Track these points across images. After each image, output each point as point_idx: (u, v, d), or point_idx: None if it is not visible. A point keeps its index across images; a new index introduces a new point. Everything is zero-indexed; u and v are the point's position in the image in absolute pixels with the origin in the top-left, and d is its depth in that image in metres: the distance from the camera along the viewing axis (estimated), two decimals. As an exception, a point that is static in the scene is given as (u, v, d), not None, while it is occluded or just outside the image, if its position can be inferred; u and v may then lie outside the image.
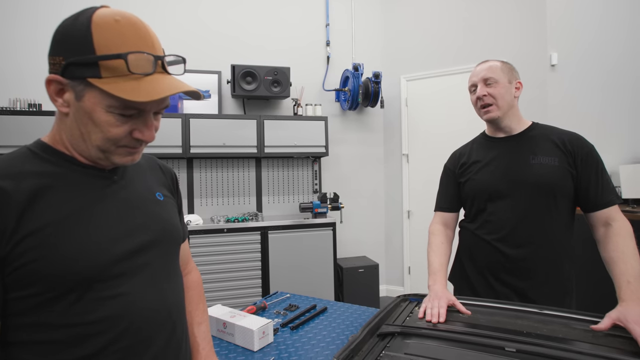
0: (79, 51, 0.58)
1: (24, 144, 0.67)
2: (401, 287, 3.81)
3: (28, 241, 0.56)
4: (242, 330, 1.13)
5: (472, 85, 1.34)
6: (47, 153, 0.64)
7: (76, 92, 0.60)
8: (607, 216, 1.19)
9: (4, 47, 2.99)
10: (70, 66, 0.58)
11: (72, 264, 0.58)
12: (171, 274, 0.76)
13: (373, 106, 3.64)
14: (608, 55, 3.09)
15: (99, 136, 0.62)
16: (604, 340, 0.86)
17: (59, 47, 0.59)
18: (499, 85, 1.28)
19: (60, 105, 0.61)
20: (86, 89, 0.59)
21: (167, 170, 0.88)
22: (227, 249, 2.92)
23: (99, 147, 0.63)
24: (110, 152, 0.64)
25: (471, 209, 1.38)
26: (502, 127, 1.33)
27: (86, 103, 0.60)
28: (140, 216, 0.71)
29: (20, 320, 0.57)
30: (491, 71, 1.29)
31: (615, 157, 3.01)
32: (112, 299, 0.62)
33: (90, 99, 0.60)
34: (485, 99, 1.28)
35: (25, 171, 0.60)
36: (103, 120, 0.61)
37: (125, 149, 0.65)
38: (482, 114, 1.32)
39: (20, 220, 0.56)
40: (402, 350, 0.86)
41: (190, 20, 3.39)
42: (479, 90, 1.29)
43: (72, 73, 0.59)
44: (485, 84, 1.29)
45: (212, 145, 3.07)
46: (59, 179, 0.62)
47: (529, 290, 1.23)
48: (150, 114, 0.65)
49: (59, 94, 0.61)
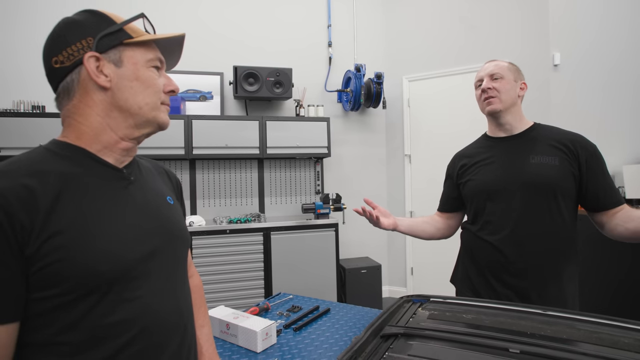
0: (104, 27, 0.66)
1: (28, 146, 0.68)
2: (404, 288, 3.80)
3: (53, 241, 0.56)
4: (245, 332, 1.13)
5: (478, 81, 1.36)
6: (68, 151, 0.65)
7: (114, 61, 0.66)
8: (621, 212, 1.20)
9: (4, 50, 3.00)
10: (103, 39, 0.65)
11: (96, 265, 0.59)
12: (182, 277, 0.77)
13: (375, 107, 3.64)
14: (609, 54, 3.07)
15: (148, 92, 0.69)
16: (608, 341, 0.85)
17: (81, 32, 0.64)
18: (505, 81, 1.30)
19: (104, 81, 0.65)
20: (123, 53, 0.66)
21: (173, 176, 0.90)
22: (229, 250, 2.92)
23: (149, 106, 0.69)
24: (158, 110, 0.71)
25: (471, 209, 1.38)
26: (503, 123, 1.33)
27: (127, 66, 0.67)
28: (155, 219, 0.72)
29: (38, 322, 0.57)
30: (498, 67, 1.33)
31: (619, 157, 2.99)
32: (130, 302, 0.63)
33: (130, 59, 0.67)
34: (490, 91, 1.30)
35: (48, 170, 0.60)
36: (147, 75, 0.69)
37: (164, 106, 0.73)
38: (484, 106, 1.34)
39: (46, 219, 0.56)
40: (406, 351, 0.86)
41: (191, 22, 3.39)
42: (485, 83, 1.32)
43: (106, 45, 0.65)
44: (491, 78, 1.32)
45: (214, 146, 3.08)
46: (80, 179, 0.63)
47: (531, 292, 1.22)
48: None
49: (100, 71, 0.65)
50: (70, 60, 0.64)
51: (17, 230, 0.54)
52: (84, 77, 0.65)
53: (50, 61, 0.65)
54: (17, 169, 0.58)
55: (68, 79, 0.65)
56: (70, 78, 0.65)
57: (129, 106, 0.67)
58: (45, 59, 0.65)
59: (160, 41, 0.72)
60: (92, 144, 0.66)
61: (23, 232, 0.54)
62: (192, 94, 3.29)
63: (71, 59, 0.63)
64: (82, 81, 0.65)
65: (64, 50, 0.63)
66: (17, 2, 3.04)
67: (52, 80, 0.66)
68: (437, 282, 3.30)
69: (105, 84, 0.65)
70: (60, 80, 0.65)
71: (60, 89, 0.66)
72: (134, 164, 0.75)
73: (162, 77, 0.72)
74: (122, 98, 0.66)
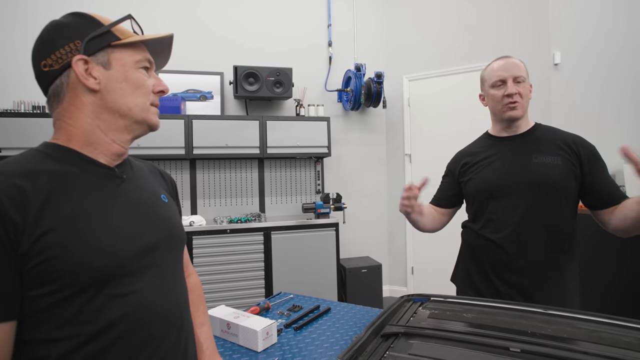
0: (92, 29, 0.66)
1: (28, 146, 0.69)
2: (404, 288, 3.80)
3: (46, 239, 0.57)
4: (245, 331, 1.13)
5: (499, 80, 1.29)
6: (59, 152, 0.65)
7: (103, 64, 0.66)
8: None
9: (4, 50, 3.00)
10: (91, 42, 0.65)
11: (89, 262, 0.59)
12: (178, 274, 0.78)
13: (375, 106, 3.64)
14: (607, 52, 3.08)
15: (137, 93, 0.69)
16: (609, 340, 0.85)
17: (69, 35, 0.65)
18: (526, 84, 1.28)
19: (93, 84, 0.65)
20: (111, 55, 0.67)
21: (167, 176, 0.90)
22: (230, 249, 2.92)
23: (139, 107, 0.69)
24: (148, 112, 0.71)
25: (473, 207, 1.38)
26: (515, 126, 1.33)
27: (116, 68, 0.67)
28: (149, 216, 0.72)
29: (35, 319, 0.58)
30: (520, 70, 1.28)
31: (619, 156, 2.99)
32: (125, 297, 0.63)
33: (119, 61, 0.67)
34: (515, 97, 1.26)
35: (40, 170, 0.61)
36: (136, 77, 0.69)
37: (153, 107, 0.73)
38: (505, 110, 1.29)
39: (38, 218, 0.57)
40: (406, 350, 0.86)
41: (191, 22, 3.39)
42: (511, 88, 1.26)
43: (93, 47, 0.65)
44: (515, 81, 1.27)
45: (214, 146, 3.08)
46: (73, 178, 0.63)
47: (533, 290, 1.22)
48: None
49: (88, 74, 0.65)
50: (58, 64, 0.64)
51: (10, 228, 0.54)
52: (73, 80, 0.65)
53: (39, 65, 0.65)
54: (9, 171, 0.59)
55: (57, 82, 0.65)
56: (59, 81, 0.65)
57: (118, 107, 0.68)
58: (34, 62, 0.66)
59: (148, 42, 0.73)
60: (82, 145, 0.67)
61: (15, 230, 0.55)
62: (193, 94, 3.29)
63: (60, 62, 0.64)
64: (71, 84, 0.65)
65: (53, 54, 0.64)
66: (17, 2, 3.04)
67: (42, 84, 0.67)
68: (438, 281, 3.30)
69: (94, 86, 0.65)
70: (49, 83, 0.66)
71: (50, 92, 0.66)
72: (126, 163, 0.75)
73: (151, 77, 0.73)
74: (111, 100, 0.67)
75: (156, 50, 0.76)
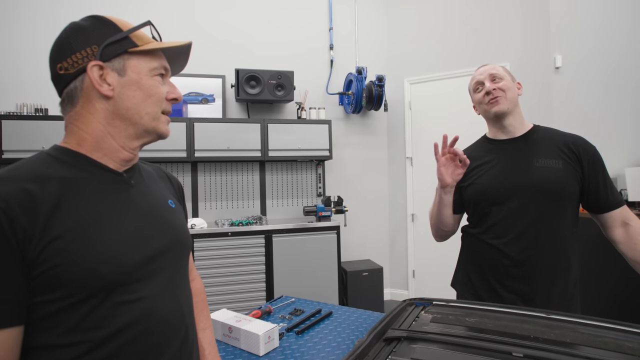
0: (110, 34, 0.66)
1: (31, 148, 0.69)
2: (405, 291, 3.79)
3: (54, 245, 0.57)
4: (247, 335, 1.13)
5: (477, 84, 1.36)
6: (69, 157, 0.65)
7: (118, 70, 0.66)
8: (622, 215, 1.21)
9: (5, 52, 3.01)
10: (108, 47, 0.65)
11: (97, 268, 0.59)
12: (183, 280, 0.78)
13: (377, 109, 3.64)
14: (610, 56, 3.08)
15: (150, 101, 0.69)
16: (612, 345, 0.85)
17: (86, 40, 0.65)
18: (506, 81, 1.31)
19: (107, 90, 0.65)
20: (127, 62, 0.67)
21: (175, 180, 0.90)
22: (231, 252, 2.92)
23: (150, 115, 0.69)
24: (158, 121, 0.71)
25: (474, 213, 1.36)
26: (506, 125, 1.32)
27: (131, 75, 0.67)
28: (156, 222, 0.72)
29: (42, 325, 0.58)
30: (495, 69, 1.34)
31: (620, 159, 2.99)
32: (132, 304, 0.63)
33: (134, 68, 0.67)
34: (495, 92, 1.29)
35: (49, 175, 0.61)
36: (150, 84, 0.69)
37: (164, 116, 0.73)
38: (490, 107, 1.31)
39: (47, 224, 0.57)
40: (409, 355, 0.86)
41: (193, 26, 3.41)
42: (488, 85, 1.31)
43: (110, 53, 0.65)
44: (492, 80, 1.32)
45: (216, 149, 3.09)
46: (82, 184, 0.63)
47: (535, 295, 1.21)
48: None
49: (103, 80, 0.65)
50: (74, 68, 0.64)
51: (19, 234, 0.54)
52: (87, 85, 0.65)
53: (55, 67, 0.65)
54: (19, 175, 0.59)
55: (72, 85, 0.65)
56: (73, 85, 0.65)
57: (130, 115, 0.68)
58: (51, 64, 0.66)
59: (166, 49, 0.72)
60: (92, 150, 0.67)
61: (24, 236, 0.55)
62: (194, 97, 3.30)
63: (75, 67, 0.64)
64: (85, 89, 0.65)
65: (69, 58, 0.64)
66: (17, 4, 3.05)
67: (57, 86, 0.67)
68: (439, 284, 3.29)
69: (107, 92, 0.65)
70: (64, 86, 0.66)
71: (64, 95, 0.67)
72: (135, 168, 0.75)
73: (165, 84, 0.72)
74: (124, 107, 0.67)
75: (173, 57, 0.75)
